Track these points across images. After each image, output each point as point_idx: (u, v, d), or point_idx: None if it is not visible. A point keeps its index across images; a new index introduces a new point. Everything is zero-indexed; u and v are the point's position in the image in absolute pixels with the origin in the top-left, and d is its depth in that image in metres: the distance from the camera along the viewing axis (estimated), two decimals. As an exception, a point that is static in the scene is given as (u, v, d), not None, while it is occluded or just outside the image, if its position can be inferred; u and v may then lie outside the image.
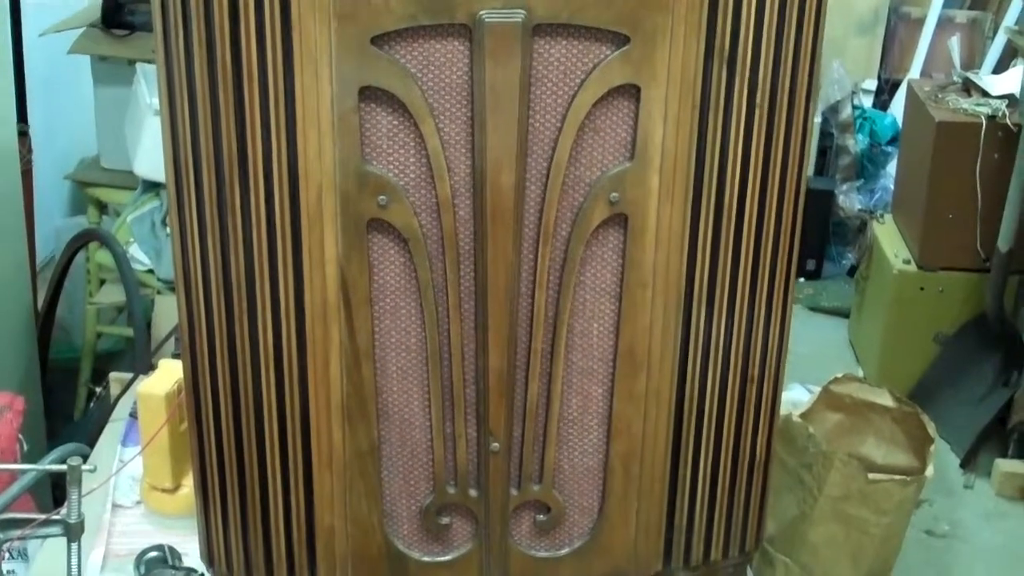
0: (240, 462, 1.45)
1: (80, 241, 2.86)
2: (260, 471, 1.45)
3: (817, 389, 3.01)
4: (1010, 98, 3.63)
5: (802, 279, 4.71)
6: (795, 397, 3.12)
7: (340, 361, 1.39)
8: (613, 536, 1.51)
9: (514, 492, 1.48)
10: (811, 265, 4.71)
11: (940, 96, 3.73)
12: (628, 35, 1.29)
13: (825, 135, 4.89)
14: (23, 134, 3.34)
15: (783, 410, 2.87)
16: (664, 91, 1.31)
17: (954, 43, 4.65)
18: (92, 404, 2.75)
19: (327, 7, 1.25)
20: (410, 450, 1.46)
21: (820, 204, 4.64)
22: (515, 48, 1.27)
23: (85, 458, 1.80)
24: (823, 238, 4.76)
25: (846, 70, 4.94)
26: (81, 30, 3.40)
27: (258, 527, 1.48)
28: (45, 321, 3.04)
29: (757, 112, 1.35)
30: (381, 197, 1.33)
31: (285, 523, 1.47)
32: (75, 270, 3.35)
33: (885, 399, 2.93)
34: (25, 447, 2.12)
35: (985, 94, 3.71)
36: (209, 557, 1.53)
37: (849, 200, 4.82)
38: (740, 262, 1.41)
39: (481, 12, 1.26)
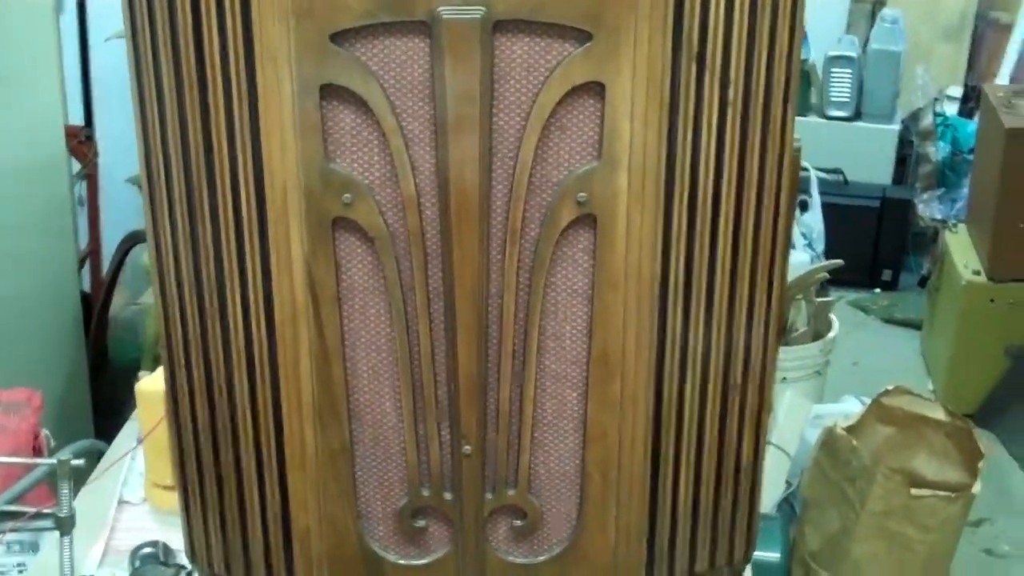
0: (217, 462, 1.46)
1: (131, 241, 2.91)
2: (236, 471, 1.45)
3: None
4: (1087, 104, 3.51)
5: (878, 290, 4.61)
6: (847, 409, 3.05)
7: (310, 361, 1.39)
8: (592, 543, 1.48)
9: (489, 496, 1.46)
10: (887, 275, 4.61)
11: (1012, 102, 3.62)
12: (591, 31, 1.26)
13: (905, 143, 4.79)
14: (88, 138, 3.43)
15: (829, 422, 2.82)
16: (630, 88, 1.28)
17: (1040, 48, 4.53)
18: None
19: (286, 5, 1.24)
20: (383, 451, 1.45)
21: (898, 213, 4.54)
22: (475, 45, 1.26)
23: (101, 454, 1.81)
24: (901, 248, 4.66)
25: (931, 76, 4.84)
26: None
27: (236, 526, 1.48)
28: (100, 320, 3.10)
29: (730, 110, 1.32)
30: (346, 195, 1.32)
31: (262, 523, 1.47)
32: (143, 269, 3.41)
33: (938, 413, 2.85)
34: (52, 443, 2.16)
35: (1061, 100, 3.59)
36: (192, 553, 1.54)
37: (929, 209, 4.71)
38: (716, 266, 1.38)
39: (439, 8, 1.24)
